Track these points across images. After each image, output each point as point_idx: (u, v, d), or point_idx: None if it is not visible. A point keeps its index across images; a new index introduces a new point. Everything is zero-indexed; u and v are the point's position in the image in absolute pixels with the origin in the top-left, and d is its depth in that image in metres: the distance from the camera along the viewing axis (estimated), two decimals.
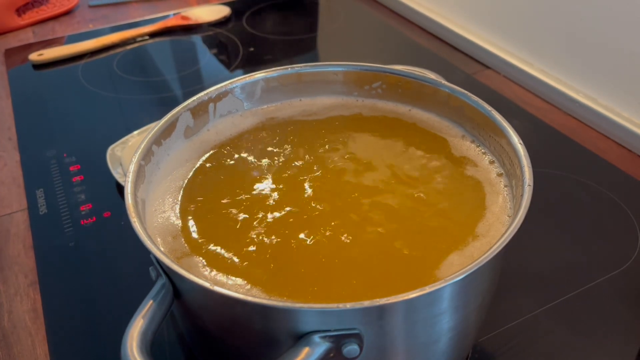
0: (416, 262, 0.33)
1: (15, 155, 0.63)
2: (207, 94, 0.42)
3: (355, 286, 0.31)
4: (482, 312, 0.34)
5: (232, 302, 0.28)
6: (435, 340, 0.32)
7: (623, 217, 0.50)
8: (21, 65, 0.80)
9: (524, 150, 0.35)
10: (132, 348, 0.27)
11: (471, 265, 0.28)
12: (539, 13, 0.67)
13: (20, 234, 0.53)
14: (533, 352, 0.40)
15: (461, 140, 0.41)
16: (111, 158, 0.56)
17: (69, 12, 0.95)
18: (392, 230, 0.35)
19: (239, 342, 0.32)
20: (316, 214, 0.36)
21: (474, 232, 0.34)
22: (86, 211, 0.53)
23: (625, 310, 0.42)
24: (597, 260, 0.46)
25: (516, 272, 0.45)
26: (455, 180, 0.38)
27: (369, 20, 0.89)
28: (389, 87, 0.44)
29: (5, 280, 0.48)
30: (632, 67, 0.58)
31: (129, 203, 0.32)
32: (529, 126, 0.63)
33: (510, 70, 0.72)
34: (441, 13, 0.83)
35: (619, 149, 0.59)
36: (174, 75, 0.77)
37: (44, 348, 0.42)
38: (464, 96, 0.41)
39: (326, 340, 0.27)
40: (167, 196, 0.38)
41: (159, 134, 0.39)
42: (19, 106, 0.71)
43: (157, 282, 0.31)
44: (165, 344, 0.41)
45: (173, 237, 0.35)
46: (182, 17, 0.88)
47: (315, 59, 0.80)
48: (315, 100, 0.46)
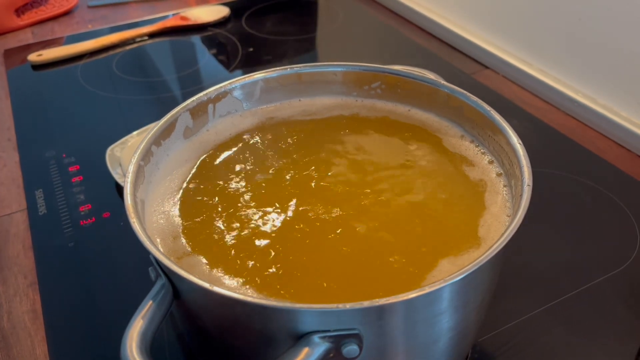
0: (415, 262, 0.33)
1: (15, 155, 0.63)
2: (206, 95, 0.42)
3: (356, 286, 0.32)
4: (482, 312, 0.34)
5: (231, 302, 0.28)
6: (434, 340, 0.32)
7: (622, 217, 0.50)
8: (20, 65, 0.80)
9: (523, 150, 0.35)
10: (132, 348, 0.27)
11: (470, 265, 0.28)
12: (538, 13, 0.67)
13: (19, 234, 0.53)
14: (532, 352, 0.40)
15: (460, 140, 0.41)
16: (110, 158, 0.56)
17: (68, 12, 0.95)
18: (391, 230, 0.35)
19: (238, 343, 0.32)
20: (316, 214, 0.36)
21: (473, 232, 0.34)
22: (85, 212, 0.53)
23: (625, 310, 0.42)
24: (597, 260, 0.46)
25: (515, 272, 0.45)
26: (454, 180, 0.38)
27: (368, 20, 0.89)
28: (388, 87, 0.44)
29: (5, 280, 0.48)
30: (631, 67, 0.58)
31: (129, 203, 0.32)
32: (528, 126, 0.63)
33: (509, 70, 0.72)
34: (440, 13, 0.83)
35: (618, 148, 0.60)
36: (173, 75, 0.77)
37: (44, 349, 0.42)
38: (463, 96, 0.41)
39: (326, 340, 0.27)
40: (167, 197, 0.38)
41: (158, 135, 0.39)
42: (18, 107, 0.71)
43: (157, 283, 0.31)
44: (164, 344, 0.41)
45: (172, 237, 0.35)
46: (182, 17, 0.88)
47: (315, 59, 0.80)
48: (314, 101, 0.46)
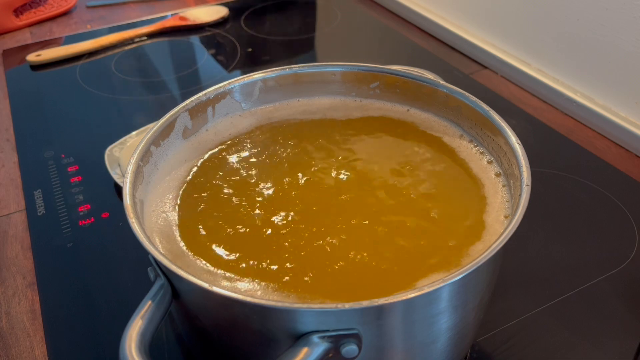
0: (414, 262, 0.33)
1: (14, 156, 0.63)
2: (205, 95, 0.42)
3: (356, 285, 0.32)
4: (481, 311, 0.34)
5: (230, 302, 0.28)
6: (433, 340, 0.32)
7: (620, 216, 0.50)
8: (19, 66, 0.80)
9: (522, 150, 0.35)
10: (131, 349, 0.27)
11: (469, 265, 0.28)
12: (536, 13, 0.67)
13: (18, 235, 0.53)
14: (531, 352, 0.40)
15: (459, 140, 0.41)
16: (109, 159, 0.56)
17: (66, 12, 0.95)
18: (390, 230, 0.35)
19: (237, 343, 0.32)
20: (315, 214, 0.36)
21: (472, 232, 0.34)
22: (84, 212, 0.53)
23: (623, 310, 0.43)
24: (595, 260, 0.46)
25: (514, 272, 0.45)
26: (453, 180, 0.38)
27: (367, 20, 0.89)
28: (387, 87, 0.44)
29: (4, 281, 0.48)
30: (630, 67, 0.58)
31: (128, 204, 0.32)
32: (527, 126, 0.63)
33: (507, 70, 0.72)
34: (439, 13, 0.83)
35: (616, 148, 0.60)
36: (172, 75, 0.77)
37: (43, 349, 0.42)
38: (461, 96, 0.41)
39: (325, 340, 0.27)
40: (166, 197, 0.38)
41: (157, 135, 0.39)
42: (16, 107, 0.71)
43: (156, 283, 0.31)
44: (164, 344, 0.41)
45: (171, 237, 0.35)
46: (180, 17, 0.88)
47: (313, 60, 0.80)
48: (313, 101, 0.46)
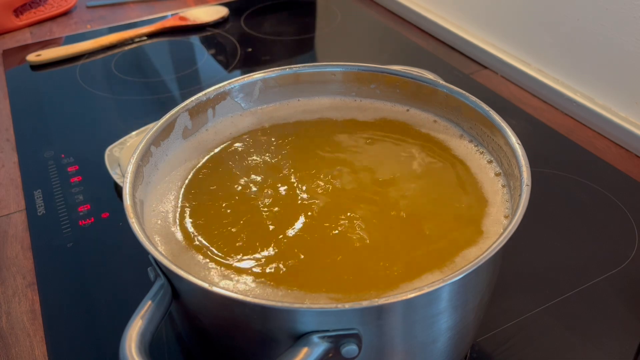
0: (413, 262, 0.33)
1: (14, 156, 0.63)
2: (205, 95, 0.42)
3: (355, 283, 0.32)
4: (481, 311, 0.34)
5: (230, 302, 0.28)
6: (433, 339, 0.32)
7: (620, 216, 0.50)
8: (19, 66, 0.80)
9: (522, 150, 0.35)
10: (131, 349, 0.27)
11: (469, 265, 0.28)
12: (536, 13, 0.67)
13: (18, 235, 0.53)
14: (531, 352, 0.40)
15: (459, 140, 0.41)
16: (109, 159, 0.56)
17: (66, 12, 0.95)
18: (389, 229, 0.35)
19: (237, 343, 0.32)
20: (315, 212, 0.36)
21: (471, 232, 0.34)
22: (84, 212, 0.53)
23: (623, 309, 0.43)
24: (595, 260, 0.46)
25: (514, 272, 0.45)
26: (453, 180, 0.38)
27: (367, 20, 0.89)
28: (386, 87, 0.44)
29: (3, 281, 0.48)
30: (630, 67, 0.58)
31: (127, 204, 0.32)
32: (526, 126, 0.63)
33: (507, 70, 0.72)
34: (438, 13, 0.83)
35: (616, 148, 0.60)
36: (172, 75, 0.77)
37: (43, 349, 0.42)
38: (461, 96, 0.41)
39: (325, 340, 0.27)
40: (166, 197, 0.38)
41: (157, 135, 0.39)
42: (16, 107, 0.71)
43: (156, 283, 0.31)
44: (164, 344, 0.41)
45: (171, 237, 0.35)
46: (180, 17, 0.88)
47: (313, 60, 0.80)
48: (313, 101, 0.46)
